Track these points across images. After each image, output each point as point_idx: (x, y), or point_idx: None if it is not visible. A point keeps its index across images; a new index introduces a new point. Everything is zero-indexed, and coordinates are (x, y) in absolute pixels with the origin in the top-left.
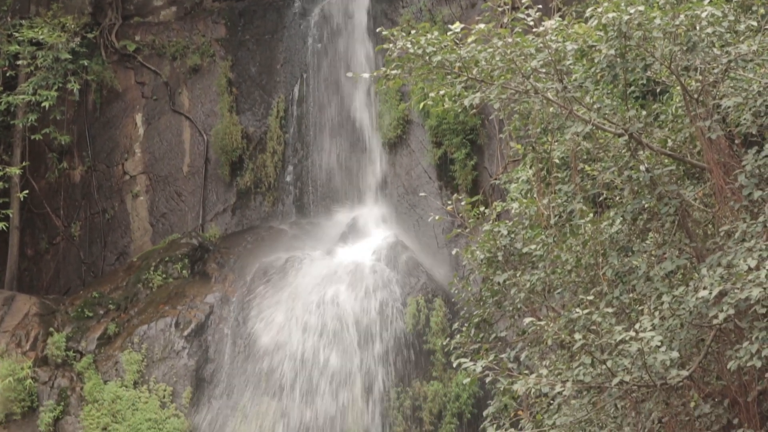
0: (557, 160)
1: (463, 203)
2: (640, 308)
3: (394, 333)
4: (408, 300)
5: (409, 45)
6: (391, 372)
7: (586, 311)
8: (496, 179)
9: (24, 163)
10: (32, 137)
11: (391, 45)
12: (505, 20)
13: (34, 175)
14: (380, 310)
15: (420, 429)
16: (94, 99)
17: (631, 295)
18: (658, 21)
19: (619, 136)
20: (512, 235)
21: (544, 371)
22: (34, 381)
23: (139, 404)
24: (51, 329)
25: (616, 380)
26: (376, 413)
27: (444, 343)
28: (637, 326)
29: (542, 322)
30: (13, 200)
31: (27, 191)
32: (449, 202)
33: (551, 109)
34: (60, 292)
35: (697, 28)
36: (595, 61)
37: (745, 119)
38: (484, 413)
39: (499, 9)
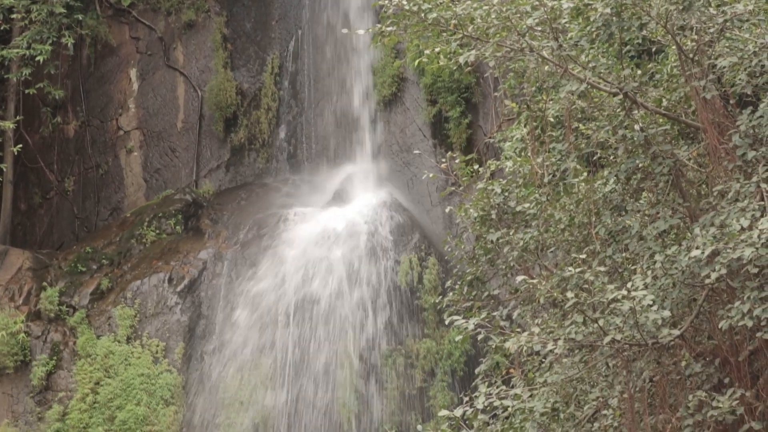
0: (552, 119)
1: (457, 161)
2: (632, 267)
3: (386, 290)
4: (401, 258)
5: (404, 2)
6: (383, 329)
7: (578, 270)
8: (490, 138)
9: (18, 118)
10: (26, 91)
11: (386, 2)
12: None
13: (27, 130)
14: (373, 267)
15: (412, 386)
16: (89, 54)
17: (623, 254)
18: None
19: (614, 95)
20: (506, 194)
21: (536, 329)
22: (27, 335)
23: (132, 359)
24: (44, 284)
25: (607, 339)
26: (368, 371)
27: (436, 301)
28: (629, 285)
29: (535, 281)
30: (6, 154)
31: (20, 146)
32: (443, 160)
33: (546, 67)
34: (53, 246)
35: None
36: (591, 19)
37: (740, 79)
38: (476, 371)
39: None
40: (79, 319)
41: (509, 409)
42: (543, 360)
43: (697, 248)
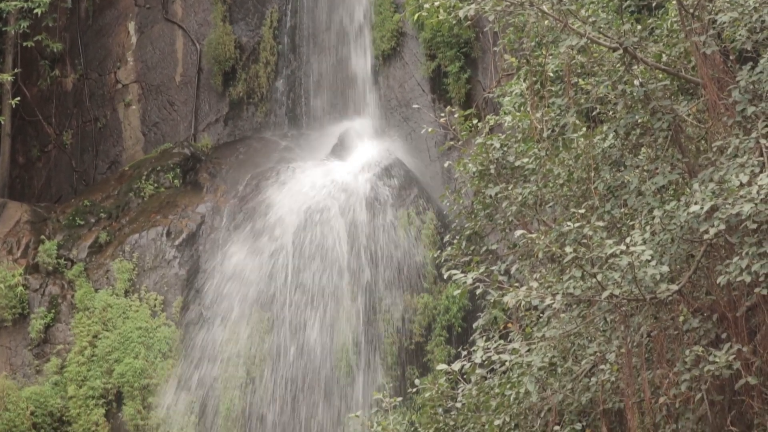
0: (551, 74)
1: (456, 116)
2: (631, 223)
3: (384, 245)
4: (399, 212)
5: None
6: (380, 284)
7: (577, 225)
8: (489, 93)
9: (15, 70)
10: (24, 44)
11: None
12: None
13: (25, 83)
14: (371, 222)
15: (410, 341)
16: (87, 6)
17: (622, 209)
18: None
19: (614, 50)
20: (505, 149)
21: (535, 284)
22: (25, 288)
23: (130, 313)
24: (42, 237)
25: (605, 294)
26: (365, 325)
27: (435, 256)
28: (627, 240)
29: (533, 236)
30: (4, 107)
31: (18, 98)
32: (442, 115)
33: (546, 22)
34: (51, 200)
35: None
36: None
37: (740, 35)
38: (474, 325)
39: None
40: (78, 273)
41: (507, 363)
42: (541, 315)
43: (695, 204)
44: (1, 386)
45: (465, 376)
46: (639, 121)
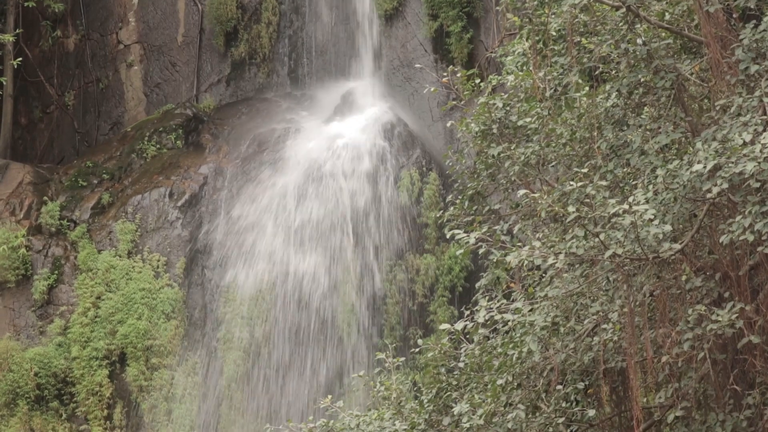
0: (554, 33)
1: (458, 76)
2: (633, 182)
3: (387, 206)
4: (402, 173)
5: None
6: (383, 244)
7: (579, 184)
8: (491, 52)
9: (17, 31)
10: (25, 4)
11: None
12: None
13: (27, 44)
14: (374, 182)
15: (413, 302)
16: None
17: (625, 168)
18: None
19: (617, 8)
20: (507, 108)
21: (537, 244)
22: (28, 249)
23: (133, 274)
24: (45, 198)
25: (608, 253)
26: (368, 286)
27: (437, 216)
28: (630, 200)
29: (536, 195)
30: (6, 68)
31: (20, 59)
32: (444, 75)
33: None
34: (54, 161)
35: None
36: None
37: None
38: (477, 285)
39: None
40: (80, 234)
41: (509, 323)
42: (543, 275)
43: (698, 162)
44: (5, 347)
45: (467, 336)
46: (642, 80)
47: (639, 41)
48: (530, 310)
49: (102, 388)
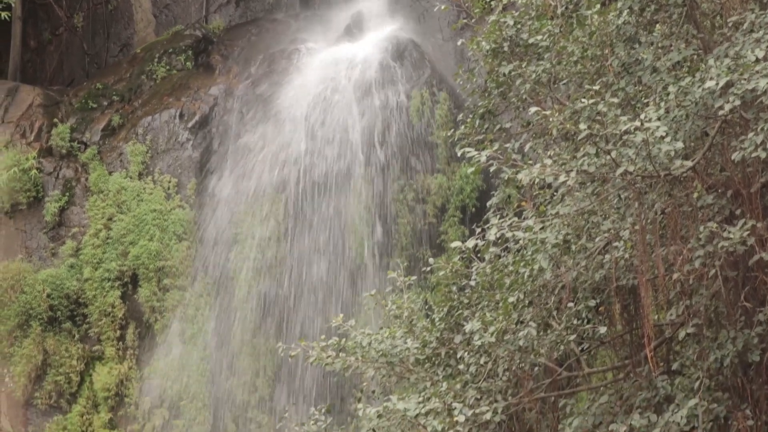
0: None
1: None
2: (645, 100)
3: (398, 126)
4: (412, 93)
5: None
6: (395, 165)
7: (591, 101)
8: None
9: None
10: None
11: None
12: None
13: None
14: (385, 102)
15: (424, 221)
16: None
17: (636, 86)
18: None
19: None
20: (518, 26)
21: (549, 161)
22: (39, 171)
23: (144, 195)
24: (55, 120)
25: (620, 170)
26: (379, 205)
27: (448, 134)
28: (642, 117)
29: (547, 113)
30: None
31: None
32: None
33: None
34: (63, 83)
35: None
36: None
37: None
38: (488, 204)
39: None
40: (91, 156)
41: (521, 241)
42: (555, 193)
43: (710, 80)
44: (18, 269)
45: (479, 255)
46: None
47: None
48: (541, 228)
49: (114, 309)
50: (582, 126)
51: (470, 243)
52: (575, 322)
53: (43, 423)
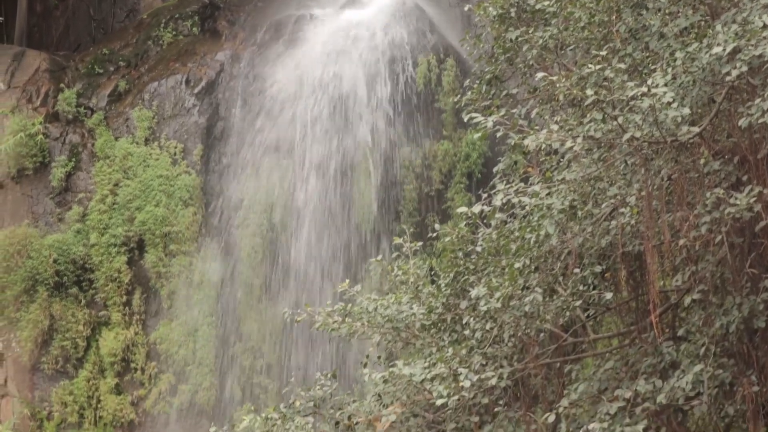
0: None
1: None
2: (652, 66)
3: (404, 92)
4: (419, 59)
5: None
6: (401, 131)
7: (598, 67)
8: None
9: None
10: None
11: None
12: None
13: None
14: (391, 69)
15: (430, 187)
16: None
17: (644, 52)
18: None
19: None
20: None
21: (555, 127)
22: (46, 137)
23: (150, 161)
24: (61, 85)
25: (626, 136)
26: (385, 172)
27: (455, 100)
28: (649, 82)
29: (554, 78)
30: None
31: None
32: None
33: None
34: (70, 48)
35: None
36: None
37: None
38: (494, 170)
39: None
40: (97, 121)
41: (527, 206)
42: (561, 158)
43: (718, 45)
44: (24, 234)
45: (485, 221)
46: None
47: None
48: (548, 194)
49: (121, 274)
50: (589, 92)
51: (476, 209)
52: (581, 288)
53: (50, 388)
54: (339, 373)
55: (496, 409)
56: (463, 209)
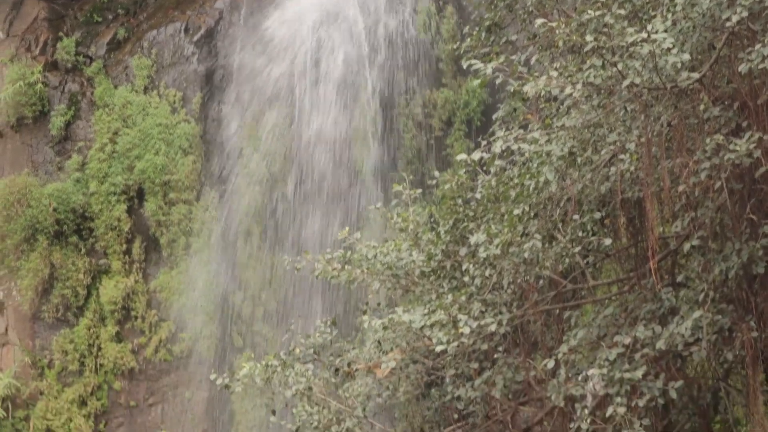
0: None
1: None
2: (652, 12)
3: (403, 40)
4: (418, 7)
5: None
6: (400, 79)
7: (598, 13)
8: None
9: None
10: None
11: None
12: None
13: None
14: (390, 17)
15: (430, 135)
16: None
17: None
18: None
19: None
20: None
21: (555, 73)
22: (45, 85)
23: (150, 109)
24: (60, 34)
25: (626, 82)
26: (385, 120)
27: (454, 48)
28: (649, 28)
29: (554, 25)
30: None
31: None
32: None
33: None
34: None
35: None
36: None
37: None
38: (494, 117)
39: None
40: (96, 70)
41: (526, 153)
42: (561, 105)
43: None
44: (24, 183)
45: (484, 168)
46: None
47: None
48: (547, 141)
49: (120, 222)
50: (588, 38)
51: (476, 156)
52: (580, 234)
53: (50, 336)
54: (339, 321)
55: (495, 356)
56: (462, 156)
